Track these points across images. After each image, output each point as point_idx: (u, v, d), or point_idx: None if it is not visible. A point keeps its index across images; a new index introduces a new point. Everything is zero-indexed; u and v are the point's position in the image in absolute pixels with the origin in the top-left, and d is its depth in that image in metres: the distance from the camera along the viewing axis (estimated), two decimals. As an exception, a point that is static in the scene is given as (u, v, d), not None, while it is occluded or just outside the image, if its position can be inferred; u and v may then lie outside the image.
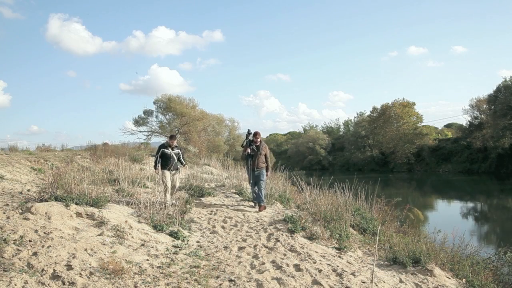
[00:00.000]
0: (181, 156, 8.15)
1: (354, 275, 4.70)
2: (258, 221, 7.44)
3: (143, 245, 5.01)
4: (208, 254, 5.18)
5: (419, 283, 4.87)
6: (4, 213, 4.86)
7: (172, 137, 8.20)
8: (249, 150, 7.95)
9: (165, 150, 7.90)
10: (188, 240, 5.69)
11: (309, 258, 5.18)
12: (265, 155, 8.09)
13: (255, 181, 8.03)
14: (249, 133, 8.16)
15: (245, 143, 8.15)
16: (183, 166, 8.43)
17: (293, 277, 4.41)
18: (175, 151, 8.00)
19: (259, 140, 8.04)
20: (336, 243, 6.24)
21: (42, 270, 3.56)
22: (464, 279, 5.33)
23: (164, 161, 7.84)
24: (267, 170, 8.16)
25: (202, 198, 9.06)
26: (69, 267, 3.74)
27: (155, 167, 7.99)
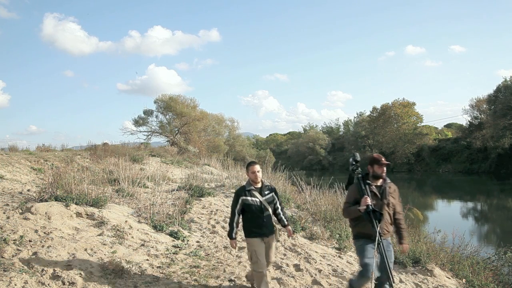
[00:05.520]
0: (277, 204, 4.12)
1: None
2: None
3: (143, 245, 5.01)
4: (208, 254, 5.18)
5: (419, 283, 4.87)
6: (4, 213, 4.86)
7: (249, 166, 4.06)
8: (369, 202, 3.46)
9: (248, 198, 3.93)
10: (188, 240, 5.69)
11: (309, 258, 5.18)
12: (395, 205, 3.78)
13: (380, 260, 3.47)
14: (356, 160, 3.89)
15: (352, 181, 3.86)
16: (285, 226, 4.16)
17: (293, 277, 4.41)
18: (266, 195, 4.01)
19: (385, 170, 3.75)
20: (336, 243, 6.24)
21: (42, 270, 3.56)
22: (464, 279, 5.33)
23: (250, 218, 3.95)
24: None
25: (202, 198, 9.06)
26: (69, 267, 3.74)
27: (230, 234, 4.00)
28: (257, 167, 4.02)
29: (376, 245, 3.39)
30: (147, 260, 4.49)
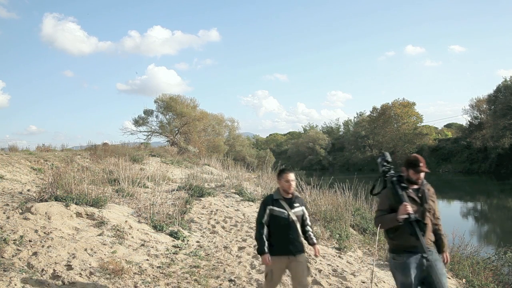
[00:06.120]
0: (307, 220, 3.60)
1: (354, 275, 4.70)
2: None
3: (143, 245, 5.01)
4: (208, 254, 5.18)
5: (419, 283, 4.87)
6: (4, 213, 4.86)
7: (282, 173, 3.53)
8: (410, 210, 2.89)
9: (275, 208, 3.43)
10: (188, 240, 5.69)
11: (309, 258, 5.18)
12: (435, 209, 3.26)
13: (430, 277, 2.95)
14: (387, 160, 3.33)
15: (384, 185, 3.27)
16: (313, 245, 3.54)
17: (293, 277, 4.40)
18: (296, 208, 3.49)
19: (422, 177, 3.23)
20: (336, 243, 6.24)
21: (42, 270, 3.57)
22: (464, 279, 5.34)
23: (274, 232, 3.42)
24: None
25: (202, 198, 9.06)
26: (69, 267, 3.74)
27: (261, 249, 3.35)
28: (292, 176, 3.50)
29: (424, 260, 2.93)
30: (147, 260, 4.49)
